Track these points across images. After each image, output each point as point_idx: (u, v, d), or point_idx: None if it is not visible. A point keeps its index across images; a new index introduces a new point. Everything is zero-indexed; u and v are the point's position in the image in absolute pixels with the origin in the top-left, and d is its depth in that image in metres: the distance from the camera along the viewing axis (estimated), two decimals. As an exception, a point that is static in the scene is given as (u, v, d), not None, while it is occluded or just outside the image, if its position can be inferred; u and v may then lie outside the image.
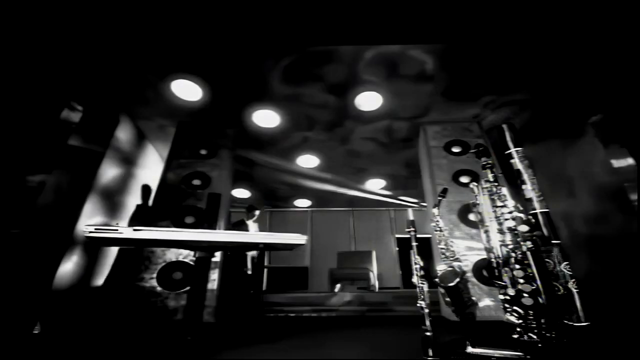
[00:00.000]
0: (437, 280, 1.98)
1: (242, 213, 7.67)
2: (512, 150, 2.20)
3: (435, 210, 2.40)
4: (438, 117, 3.88)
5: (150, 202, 3.66)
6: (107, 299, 3.11)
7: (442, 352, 1.66)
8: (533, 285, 1.61)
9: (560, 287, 1.83)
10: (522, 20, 2.56)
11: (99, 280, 3.14)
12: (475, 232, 3.08)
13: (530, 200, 2.07)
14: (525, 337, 1.56)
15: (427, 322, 1.70)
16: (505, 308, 1.66)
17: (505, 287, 1.69)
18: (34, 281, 2.38)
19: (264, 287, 6.02)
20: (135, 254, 3.17)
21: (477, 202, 2.03)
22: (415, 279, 1.88)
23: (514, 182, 2.18)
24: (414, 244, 2.20)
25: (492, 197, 1.92)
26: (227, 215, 3.72)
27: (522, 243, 1.70)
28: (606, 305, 2.32)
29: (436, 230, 2.35)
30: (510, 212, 1.80)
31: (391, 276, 7.36)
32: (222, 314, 3.13)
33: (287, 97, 3.56)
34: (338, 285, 4.95)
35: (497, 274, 1.79)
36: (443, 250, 2.22)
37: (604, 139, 2.74)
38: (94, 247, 2.99)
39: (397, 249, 7.81)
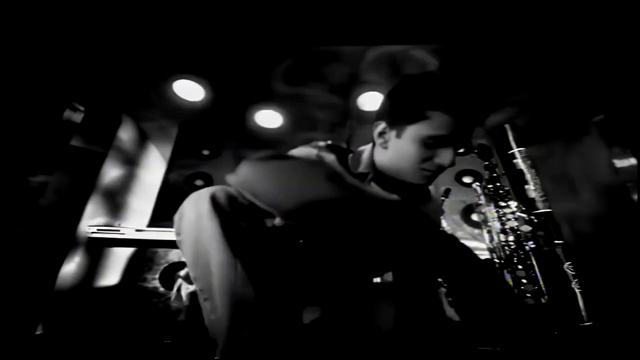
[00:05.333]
0: (440, 280, 1.98)
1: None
2: (515, 150, 2.20)
3: (437, 211, 2.39)
4: (440, 117, 3.87)
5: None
6: (109, 299, 3.11)
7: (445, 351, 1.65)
8: (536, 286, 1.61)
9: (563, 287, 1.83)
10: (525, 21, 2.55)
11: (103, 281, 3.14)
12: (478, 232, 3.07)
13: (533, 200, 2.07)
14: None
15: (430, 323, 1.69)
16: (508, 308, 1.65)
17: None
18: (36, 282, 2.39)
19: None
20: (138, 255, 3.18)
21: (480, 202, 2.02)
22: (417, 279, 1.87)
23: (517, 182, 2.18)
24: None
25: (495, 197, 1.92)
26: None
27: (524, 243, 1.70)
28: (609, 306, 2.31)
29: (439, 231, 2.34)
30: (513, 212, 1.80)
31: (394, 276, 7.35)
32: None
33: (290, 97, 3.56)
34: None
35: (499, 274, 1.79)
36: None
37: (607, 139, 2.73)
38: (96, 248, 2.99)
39: (400, 249, 7.79)
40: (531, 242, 1.67)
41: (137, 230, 2.01)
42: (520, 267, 1.67)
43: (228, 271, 0.80)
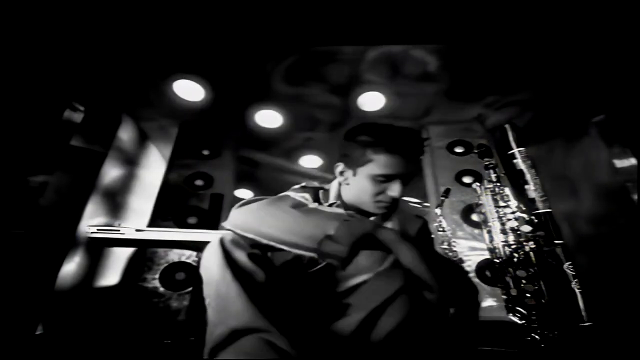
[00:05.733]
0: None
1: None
2: (515, 150, 2.20)
3: (438, 210, 2.39)
4: (441, 117, 3.86)
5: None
6: (109, 299, 3.11)
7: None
8: (536, 286, 1.61)
9: (563, 287, 1.83)
10: (525, 21, 2.55)
11: (103, 281, 3.14)
12: (478, 232, 3.07)
13: (532, 200, 2.07)
14: (528, 337, 1.56)
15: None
16: (508, 308, 1.66)
17: (508, 287, 1.69)
18: (37, 282, 2.39)
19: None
20: (138, 255, 3.18)
21: (480, 202, 2.02)
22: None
23: (517, 182, 2.18)
24: (417, 244, 2.18)
25: (495, 197, 1.92)
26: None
27: (524, 243, 1.70)
28: (609, 305, 2.31)
29: (439, 231, 2.34)
30: (513, 212, 1.80)
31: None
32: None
33: (290, 97, 3.56)
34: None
35: (499, 274, 1.79)
36: (446, 251, 2.22)
37: (607, 139, 2.73)
38: (96, 248, 2.99)
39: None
40: (531, 242, 1.66)
41: (137, 230, 2.00)
42: (520, 267, 1.66)
43: (220, 280, 0.98)
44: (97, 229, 1.91)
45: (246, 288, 0.95)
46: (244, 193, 6.50)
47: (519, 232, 1.73)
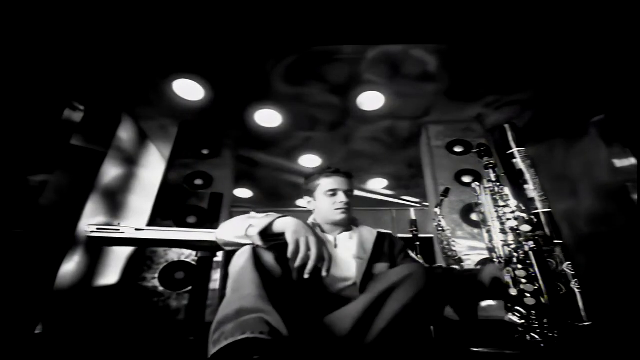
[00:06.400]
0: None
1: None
2: (514, 150, 2.19)
3: (437, 210, 2.40)
4: (440, 117, 3.87)
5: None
6: (109, 299, 3.11)
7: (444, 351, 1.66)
8: (535, 285, 1.61)
9: (563, 287, 1.82)
10: (525, 21, 2.55)
11: (103, 280, 3.14)
12: (478, 231, 3.08)
13: (532, 200, 2.06)
14: (528, 337, 1.56)
15: (429, 322, 1.69)
16: (507, 308, 1.65)
17: (508, 287, 1.68)
18: (36, 281, 2.39)
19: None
20: (137, 254, 3.18)
21: (479, 201, 2.01)
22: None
23: (516, 182, 2.18)
24: (416, 243, 2.19)
25: (494, 196, 1.91)
26: (229, 216, 3.72)
27: (524, 243, 1.69)
28: (609, 305, 2.31)
29: (438, 230, 2.34)
30: (512, 212, 1.79)
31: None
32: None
33: (290, 97, 3.56)
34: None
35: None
36: (445, 250, 2.22)
37: (607, 138, 2.74)
38: (95, 247, 2.99)
39: (399, 249, 7.76)
40: (531, 242, 1.66)
41: (137, 230, 2.01)
42: (520, 266, 1.66)
43: (243, 268, 1.19)
44: (97, 228, 1.92)
45: (262, 277, 1.16)
46: (243, 192, 6.50)
47: (518, 232, 1.73)
